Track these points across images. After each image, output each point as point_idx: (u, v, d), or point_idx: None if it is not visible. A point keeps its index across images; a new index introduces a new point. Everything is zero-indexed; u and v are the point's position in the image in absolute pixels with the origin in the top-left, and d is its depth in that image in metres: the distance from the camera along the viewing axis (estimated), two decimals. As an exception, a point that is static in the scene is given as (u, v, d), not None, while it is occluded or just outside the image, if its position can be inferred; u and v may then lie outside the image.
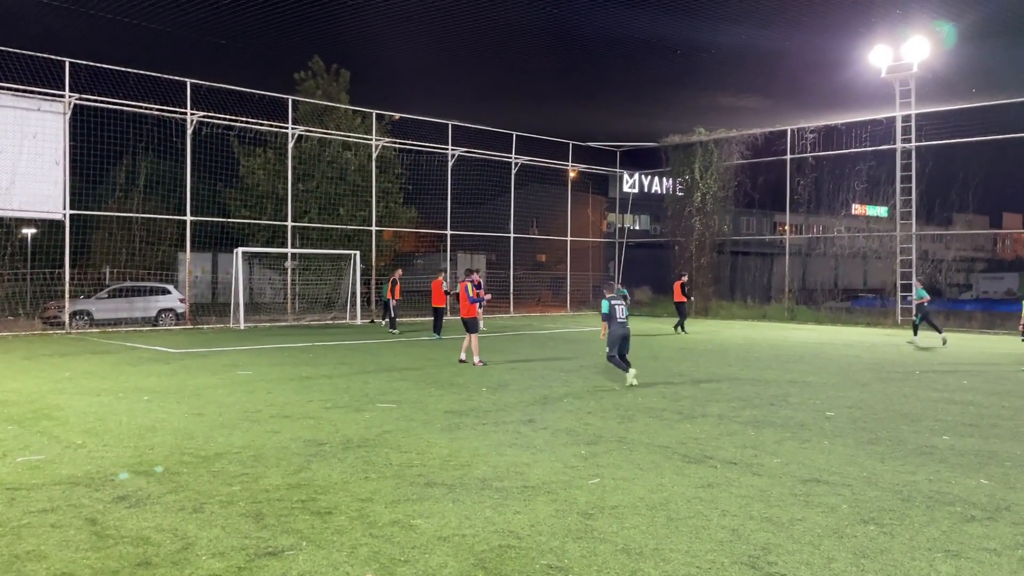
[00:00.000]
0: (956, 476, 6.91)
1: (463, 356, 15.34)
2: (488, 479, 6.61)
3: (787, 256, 33.05)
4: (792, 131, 32.21)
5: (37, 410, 9.73)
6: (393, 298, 23.51)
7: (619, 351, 12.31)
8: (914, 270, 28.14)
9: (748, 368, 15.05)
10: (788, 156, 32.35)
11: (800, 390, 12.14)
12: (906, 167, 29.13)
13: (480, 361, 14.95)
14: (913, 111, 28.71)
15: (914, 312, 22.31)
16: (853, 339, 22.76)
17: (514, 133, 33.87)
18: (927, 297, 21.05)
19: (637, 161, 39.53)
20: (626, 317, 12.52)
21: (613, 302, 12.32)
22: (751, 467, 7.15)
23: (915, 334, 21.42)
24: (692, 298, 30.89)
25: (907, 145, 29.03)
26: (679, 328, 24.29)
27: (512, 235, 34.38)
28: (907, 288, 28.38)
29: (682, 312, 24.70)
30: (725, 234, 35.86)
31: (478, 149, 32.71)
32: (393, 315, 23.60)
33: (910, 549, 5.08)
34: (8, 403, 10.24)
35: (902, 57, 28.38)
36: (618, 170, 39.11)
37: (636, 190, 39.39)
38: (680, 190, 36.08)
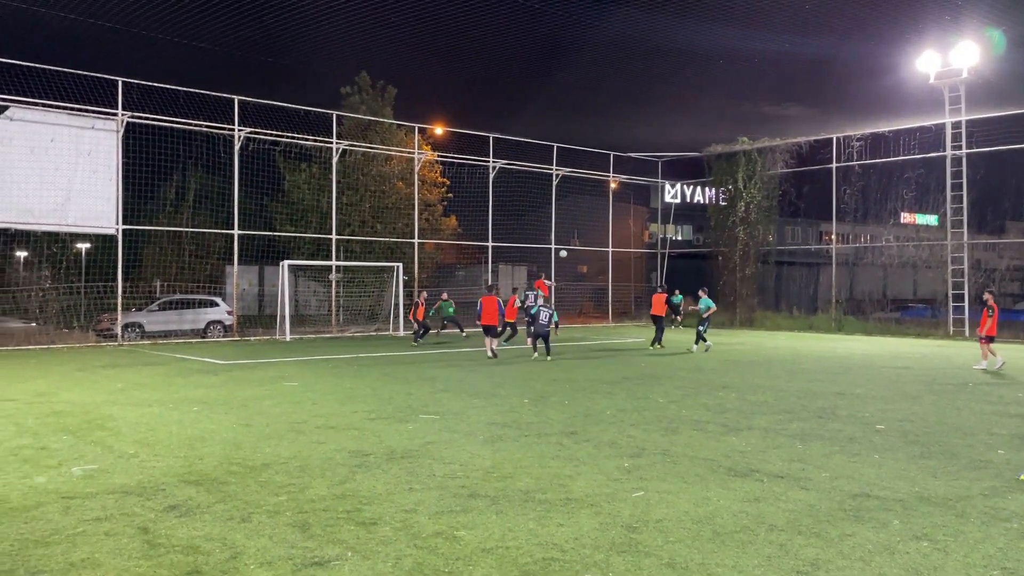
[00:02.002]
0: (1012, 491, 6.71)
1: (490, 353, 18.60)
2: (531, 491, 6.60)
3: (834, 266, 32.50)
4: (838, 139, 31.72)
5: (91, 420, 9.99)
6: (415, 319, 23.58)
7: None
8: (967, 279, 27.43)
9: (794, 380, 14.82)
10: (834, 164, 31.85)
11: (848, 402, 11.90)
12: (956, 175, 28.48)
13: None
14: (963, 117, 28.08)
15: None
16: (903, 350, 22.26)
17: (555, 144, 33.94)
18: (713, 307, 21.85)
19: (679, 171, 39.31)
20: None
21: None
22: (799, 481, 7.04)
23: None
24: (681, 315, 30.43)
25: (957, 152, 28.39)
26: (656, 343, 22.03)
27: (553, 246, 34.37)
28: (959, 298, 27.72)
29: (660, 326, 22.51)
30: (770, 244, 35.41)
31: (519, 161, 32.83)
32: (417, 328, 23.63)
33: (965, 567, 4.94)
34: (63, 413, 10.53)
35: (951, 63, 27.82)
36: (659, 180, 38.91)
37: (678, 200, 39.19)
38: (723, 200, 35.75)
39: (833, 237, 35.38)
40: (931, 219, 35.00)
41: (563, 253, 30.53)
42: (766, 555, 5.12)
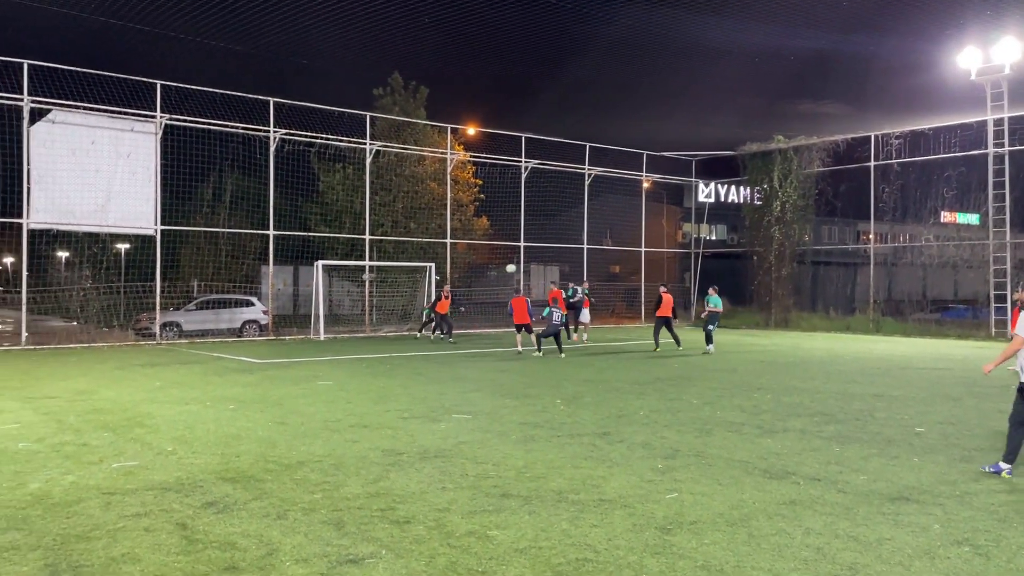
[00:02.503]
0: (1059, 497, 6.54)
1: (520, 349, 19.81)
2: (564, 492, 6.59)
3: (872, 266, 31.98)
4: (876, 137, 31.19)
5: (130, 418, 10.17)
6: (436, 313, 24.27)
7: None
8: (1009, 280, 26.84)
9: (831, 381, 14.60)
10: (872, 163, 31.33)
11: (887, 405, 11.70)
12: (999, 172, 27.86)
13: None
14: (1006, 114, 27.47)
15: None
16: (943, 352, 21.82)
17: (587, 144, 33.84)
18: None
19: (713, 170, 38.95)
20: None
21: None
22: (836, 484, 6.93)
23: None
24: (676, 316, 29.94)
25: (999, 150, 27.77)
26: (658, 346, 21.51)
27: (585, 246, 34.28)
28: (1001, 299, 27.10)
29: (668, 326, 21.49)
30: (806, 244, 34.94)
31: (551, 161, 32.79)
32: (436, 322, 24.30)
33: (1007, 572, 4.83)
34: (104, 411, 10.74)
35: (992, 59, 27.23)
36: (693, 180, 38.60)
37: (712, 200, 38.83)
38: (758, 199, 35.35)
39: (871, 236, 34.75)
40: (972, 218, 34.29)
41: (510, 268, 30.33)
42: (803, 558, 5.05)
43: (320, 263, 26.67)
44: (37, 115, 21.96)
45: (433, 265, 29.06)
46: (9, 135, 21.67)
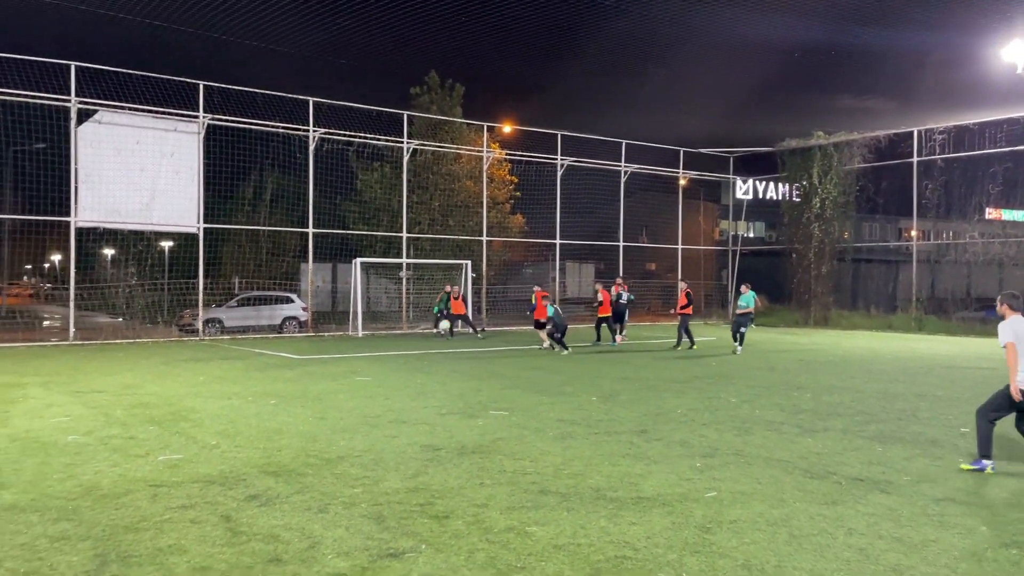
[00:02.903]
0: (1111, 501, 6.38)
1: (546, 345, 20.09)
2: (602, 489, 6.59)
3: (914, 264, 31.37)
4: (919, 132, 30.58)
5: (175, 412, 10.38)
6: (446, 310, 24.75)
7: None
8: None
9: (872, 381, 14.37)
10: (915, 159, 30.72)
11: (930, 404, 11.49)
12: (1048, 167, 27.14)
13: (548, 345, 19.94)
14: (1055, 108, 26.75)
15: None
16: (987, 351, 21.32)
17: (623, 141, 33.66)
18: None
19: (751, 167, 38.53)
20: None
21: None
22: (878, 484, 6.84)
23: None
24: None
25: (1049, 144, 27.05)
26: (685, 343, 21.07)
27: (621, 244, 34.13)
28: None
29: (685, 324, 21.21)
30: (846, 241, 34.39)
31: (587, 158, 32.69)
32: (451, 324, 24.79)
33: (1059, 578, 4.73)
34: (150, 405, 10.98)
35: (1041, 51, 26.48)
36: (731, 176, 38.22)
37: (750, 196, 38.43)
38: (797, 196, 34.88)
39: (914, 233, 34.10)
40: (1019, 215, 33.49)
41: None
42: (845, 559, 5.00)
43: (358, 260, 26.93)
44: (84, 116, 22.48)
45: (469, 263, 29.17)
46: (57, 135, 22.23)
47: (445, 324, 24.67)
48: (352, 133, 27.36)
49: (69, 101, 21.97)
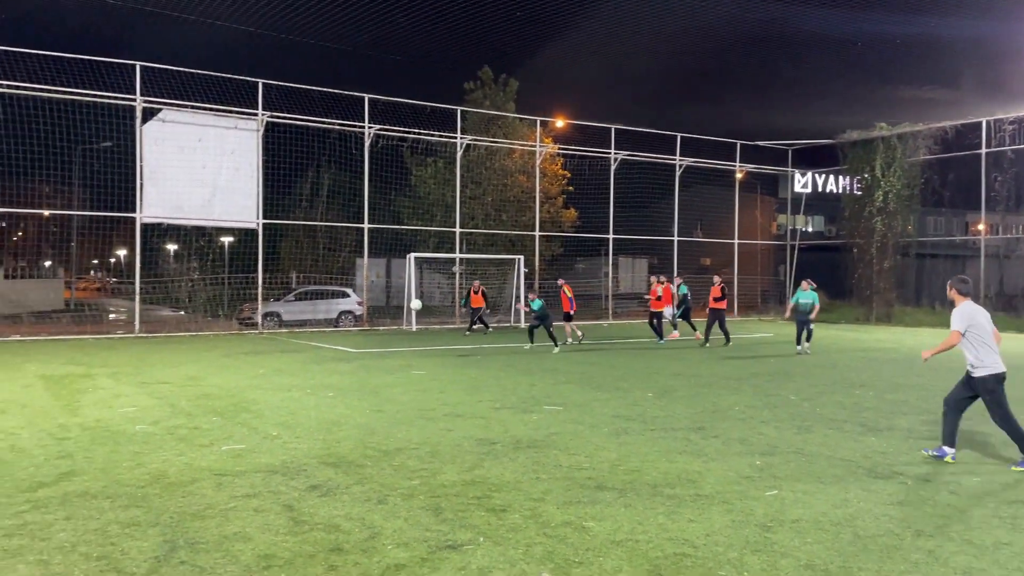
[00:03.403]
0: None
1: (571, 340, 20.21)
2: (659, 485, 6.53)
3: (982, 258, 30.31)
4: (988, 123, 29.52)
5: (237, 403, 10.63)
6: (471, 308, 24.32)
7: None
8: None
9: (939, 379, 13.93)
10: (983, 150, 29.67)
11: (1001, 404, 11.09)
12: None
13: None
14: None
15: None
16: (1062, 350, 20.51)
17: (679, 134, 33.25)
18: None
19: (810, 159, 37.69)
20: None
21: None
22: (947, 485, 6.63)
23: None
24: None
25: None
26: (707, 341, 20.30)
27: (676, 238, 33.76)
28: None
29: (719, 319, 20.19)
30: (910, 235, 33.42)
31: (641, 152, 32.38)
32: (473, 319, 24.42)
33: None
34: (212, 396, 11.25)
35: (1121, 36, 25.37)
36: (789, 169, 37.45)
37: (809, 190, 37.62)
38: (858, 189, 34.00)
39: (981, 227, 32.95)
40: (1094, 207, 32.07)
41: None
42: (913, 561, 4.86)
43: (412, 255, 27.17)
44: (148, 114, 23.12)
45: (522, 258, 29.18)
46: (123, 134, 22.92)
47: (416, 303, 24.29)
48: (406, 129, 27.59)
49: (134, 100, 22.60)
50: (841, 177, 35.74)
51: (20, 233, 43.98)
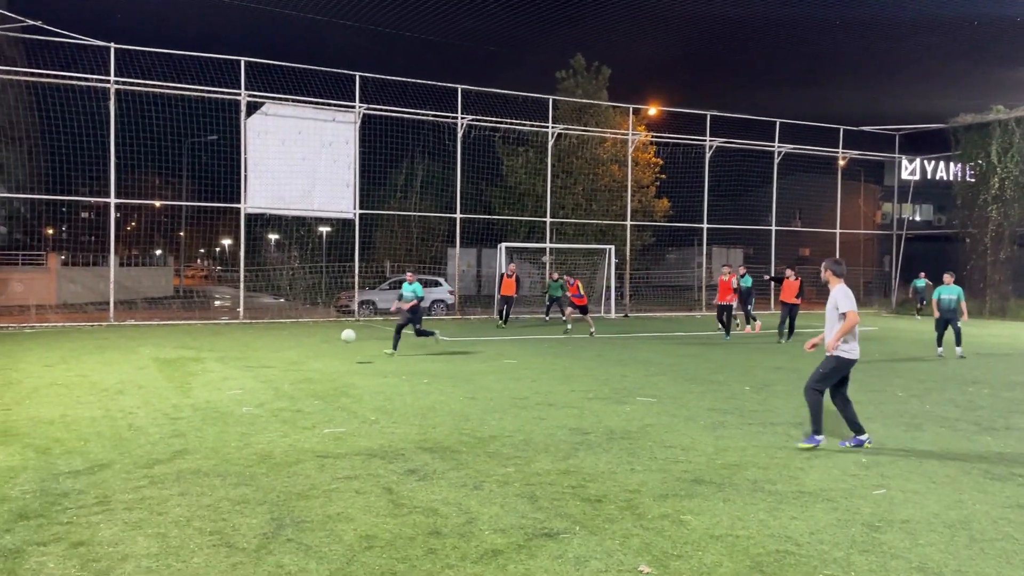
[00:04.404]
0: None
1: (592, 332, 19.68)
2: (759, 481, 6.37)
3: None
4: (1119, 103, 27.44)
5: (337, 388, 10.94)
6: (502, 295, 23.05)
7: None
8: None
9: (1061, 378, 13.10)
10: (1113, 132, 27.61)
11: None
12: None
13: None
14: None
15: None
16: None
17: (777, 120, 32.22)
18: None
19: (918, 145, 35.88)
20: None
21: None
22: (1073, 491, 6.22)
23: None
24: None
25: None
26: (785, 336, 18.90)
27: (774, 228, 32.79)
28: None
29: (791, 315, 18.92)
30: (1029, 224, 31.46)
31: (738, 139, 31.56)
32: (502, 309, 22.98)
33: None
34: (313, 381, 11.62)
35: None
36: (896, 155, 35.79)
37: (917, 177, 35.84)
38: (971, 176, 32.21)
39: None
40: None
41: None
42: (1037, 569, 4.58)
43: (503, 245, 27.32)
44: (252, 108, 24.00)
45: (612, 248, 28.94)
46: (228, 127, 23.87)
47: (349, 334, 19.00)
48: (498, 119, 27.72)
49: (239, 95, 23.49)
50: (953, 163, 33.89)
51: (133, 223, 46.43)
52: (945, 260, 32.62)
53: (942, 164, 34.43)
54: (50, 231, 33.33)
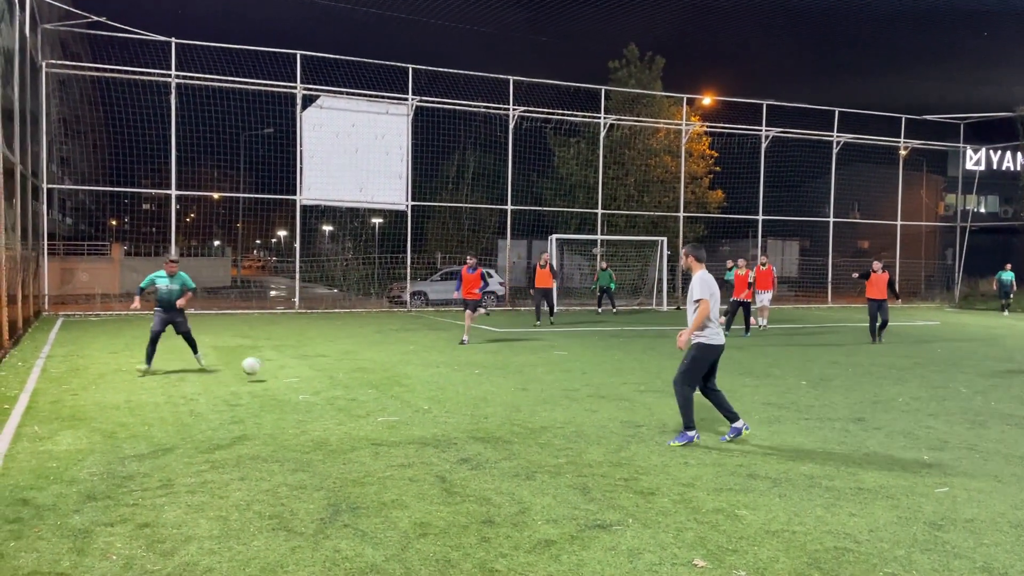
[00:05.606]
0: None
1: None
2: (816, 476, 6.26)
3: None
4: None
5: (390, 377, 11.07)
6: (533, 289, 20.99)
7: None
8: None
9: None
10: None
11: None
12: None
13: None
14: None
15: None
16: None
17: (836, 109, 31.46)
18: None
19: (984, 134, 34.73)
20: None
21: None
22: None
23: None
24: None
25: None
26: (879, 337, 17.22)
27: (832, 219, 32.07)
28: None
29: (883, 310, 17.10)
30: (1100, 216, 30.24)
31: (795, 129, 30.91)
32: (539, 305, 20.98)
33: None
34: (367, 370, 11.78)
35: None
36: (961, 145, 34.68)
37: (982, 167, 34.73)
38: (1040, 166, 31.07)
39: None
40: None
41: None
42: (1111, 574, 4.41)
43: (554, 237, 27.28)
44: (307, 101, 24.36)
45: (665, 240, 28.66)
46: (284, 120, 24.28)
47: (252, 364, 17.06)
48: (550, 110, 27.64)
49: (295, 88, 23.85)
50: (1020, 153, 32.73)
51: (192, 215, 47.54)
52: (1011, 253, 31.63)
53: (1009, 154, 33.29)
54: (113, 222, 34.41)
